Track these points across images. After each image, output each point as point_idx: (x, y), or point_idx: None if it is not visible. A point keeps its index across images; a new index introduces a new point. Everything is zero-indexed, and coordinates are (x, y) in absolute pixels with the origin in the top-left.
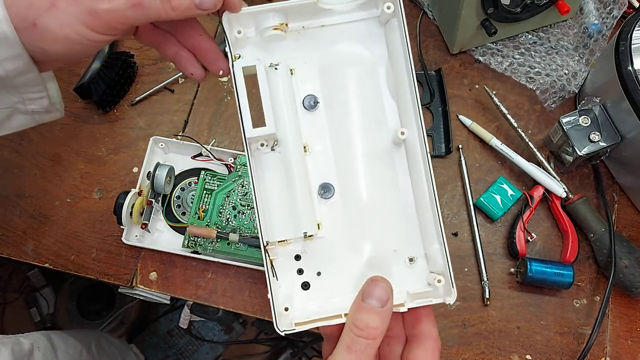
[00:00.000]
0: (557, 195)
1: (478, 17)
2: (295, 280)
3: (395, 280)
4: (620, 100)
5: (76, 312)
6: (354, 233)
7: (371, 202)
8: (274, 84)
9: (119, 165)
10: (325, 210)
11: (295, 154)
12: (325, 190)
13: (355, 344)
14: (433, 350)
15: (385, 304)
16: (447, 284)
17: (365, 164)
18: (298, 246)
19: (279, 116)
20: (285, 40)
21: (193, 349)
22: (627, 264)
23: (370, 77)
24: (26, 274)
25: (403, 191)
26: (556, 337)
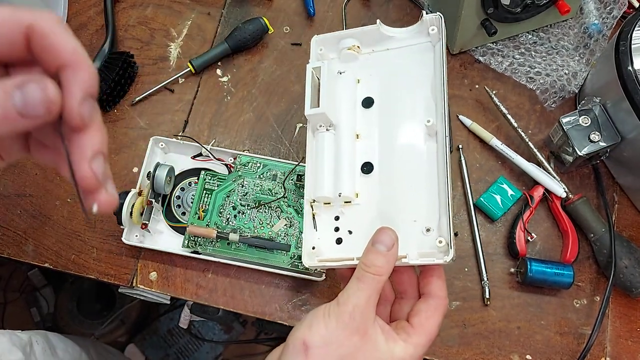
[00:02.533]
0: (557, 195)
1: (478, 17)
2: (331, 235)
3: (410, 244)
4: (620, 100)
5: (76, 312)
6: (384, 204)
7: (402, 180)
8: (338, 84)
9: (119, 165)
10: (365, 183)
11: (346, 137)
12: (366, 167)
13: (363, 277)
14: (436, 307)
15: (390, 249)
16: (445, 245)
17: (403, 151)
18: (338, 209)
19: (338, 107)
20: (358, 59)
21: (193, 349)
22: (627, 264)
23: (418, 84)
24: (26, 274)
25: (428, 174)
26: (556, 337)
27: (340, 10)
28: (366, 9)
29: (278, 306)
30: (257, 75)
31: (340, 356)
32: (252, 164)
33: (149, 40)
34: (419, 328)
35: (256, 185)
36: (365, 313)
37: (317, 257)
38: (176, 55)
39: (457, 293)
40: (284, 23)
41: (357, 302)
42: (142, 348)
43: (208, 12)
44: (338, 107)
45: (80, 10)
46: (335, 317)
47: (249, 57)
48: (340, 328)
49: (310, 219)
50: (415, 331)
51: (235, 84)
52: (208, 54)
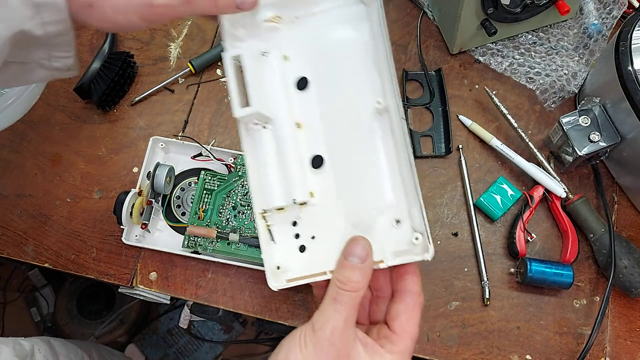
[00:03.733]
0: (557, 195)
1: (478, 17)
2: (293, 244)
3: (381, 240)
4: (620, 101)
5: (76, 311)
6: (345, 199)
7: (360, 170)
8: (265, 69)
9: (119, 165)
10: (318, 180)
11: (286, 130)
12: (316, 161)
13: (339, 296)
14: (413, 305)
15: (365, 261)
16: (424, 241)
17: (353, 136)
18: (294, 213)
19: (270, 97)
20: (281, 30)
21: (193, 348)
22: (626, 264)
23: (356, 55)
24: (26, 274)
25: (388, 158)
26: (556, 337)
27: None
28: None
29: (278, 306)
30: None
31: None
32: None
33: (149, 40)
34: (402, 333)
35: None
36: (345, 335)
37: (284, 277)
38: (176, 55)
39: (456, 293)
40: None
41: (335, 324)
42: (141, 348)
43: None
44: (270, 97)
45: None
46: (312, 345)
47: None
48: (320, 358)
49: (266, 232)
50: (399, 337)
51: None
52: (208, 54)
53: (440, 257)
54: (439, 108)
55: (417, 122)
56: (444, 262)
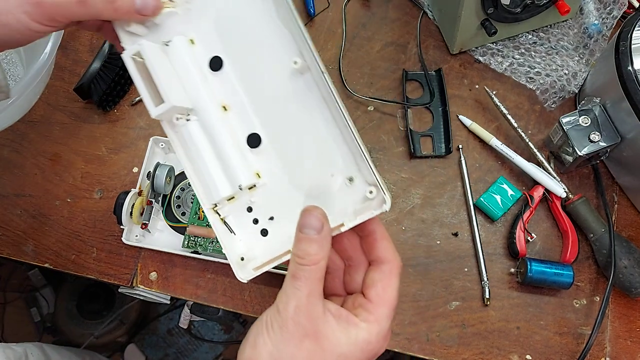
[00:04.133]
0: (557, 195)
1: (478, 17)
2: (253, 230)
3: (340, 204)
4: (620, 101)
5: (76, 312)
6: (293, 171)
7: (299, 137)
8: (172, 59)
9: (119, 165)
10: (260, 158)
11: (213, 116)
12: (253, 140)
13: (299, 272)
14: (390, 272)
15: (320, 231)
16: (379, 193)
17: (283, 104)
18: (246, 199)
19: (186, 87)
20: (178, 15)
21: (193, 348)
22: (626, 264)
23: (262, 20)
24: (26, 274)
25: (323, 117)
26: (556, 337)
27: (340, 10)
28: (366, 8)
29: None
30: None
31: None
32: None
33: None
34: (378, 301)
35: None
36: (310, 311)
37: (251, 266)
38: None
39: (456, 293)
40: None
41: (297, 303)
42: (141, 348)
43: None
44: (186, 87)
45: None
46: (278, 327)
47: None
48: (287, 339)
49: (222, 226)
50: (375, 306)
51: None
52: None
53: (440, 257)
54: (439, 108)
55: (417, 122)
56: (444, 262)
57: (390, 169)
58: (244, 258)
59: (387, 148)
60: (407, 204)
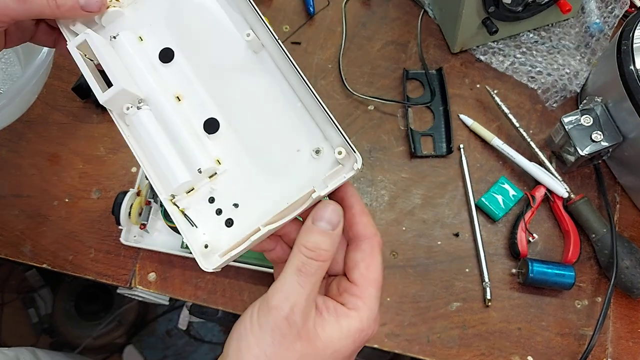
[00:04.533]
0: (559, 195)
1: (479, 16)
2: (217, 221)
3: (308, 177)
4: (622, 100)
5: (74, 312)
6: (256, 153)
7: (259, 117)
8: (120, 52)
9: (118, 165)
10: (219, 144)
11: (166, 106)
12: (209, 126)
13: (305, 266)
14: (371, 250)
15: (336, 227)
16: (348, 152)
17: (240, 85)
18: (207, 189)
19: (136, 77)
20: (125, 13)
21: (192, 349)
22: (628, 264)
23: (211, 6)
24: (24, 275)
25: (282, 92)
26: (557, 338)
27: (340, 9)
28: (366, 7)
29: None
30: None
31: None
32: None
33: None
34: (364, 282)
35: None
36: (306, 312)
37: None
38: None
39: (457, 294)
40: (283, 22)
41: (296, 301)
42: (140, 349)
43: None
44: (136, 79)
45: None
46: (268, 326)
47: None
48: (278, 342)
49: (182, 218)
50: (361, 289)
51: None
52: None
53: (440, 257)
54: (440, 107)
55: (418, 121)
56: (445, 262)
57: (391, 169)
58: (207, 245)
59: (388, 148)
60: (407, 204)
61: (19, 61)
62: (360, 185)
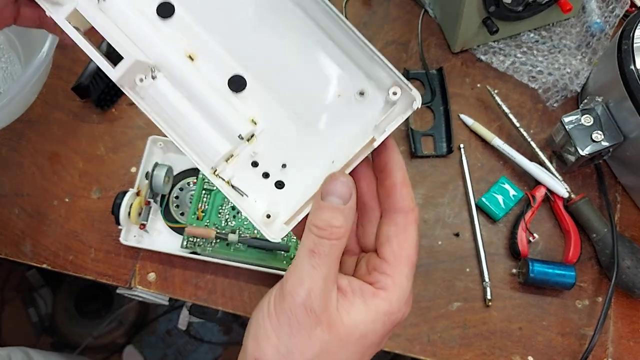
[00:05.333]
0: (560, 195)
1: (480, 16)
2: (266, 186)
3: (356, 123)
4: (622, 100)
5: (74, 312)
6: (291, 107)
7: (288, 65)
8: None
9: (118, 164)
10: (251, 102)
11: (181, 69)
12: (236, 84)
13: (318, 247)
14: (405, 225)
15: (347, 201)
16: (404, 91)
17: (258, 33)
18: (247, 154)
19: (139, 42)
20: None
21: (192, 349)
22: (629, 264)
23: None
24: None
25: (311, 33)
26: (558, 338)
27: (340, 9)
28: (366, 7)
29: None
30: None
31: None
32: None
33: None
34: (395, 260)
35: None
36: (325, 296)
37: (279, 222)
38: None
39: (458, 294)
40: None
41: (312, 285)
42: (140, 349)
43: None
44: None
45: None
46: (285, 317)
47: None
48: (296, 330)
49: (231, 190)
50: (392, 267)
51: None
52: None
53: (441, 257)
54: (440, 107)
55: (418, 121)
56: (446, 262)
57: None
58: (269, 215)
59: None
60: None
61: (19, 60)
62: None
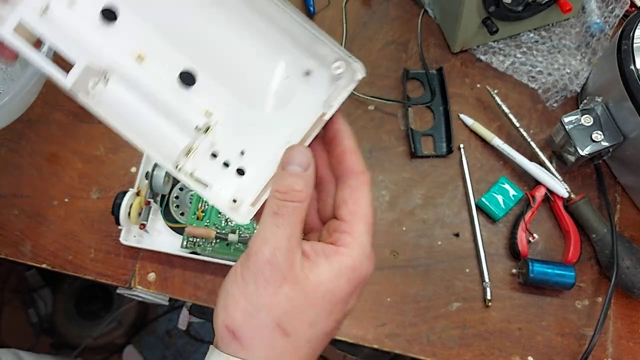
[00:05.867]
0: (559, 195)
1: (479, 16)
2: (229, 174)
3: (307, 101)
4: (622, 100)
5: (74, 312)
6: (243, 95)
7: (233, 56)
8: (57, 24)
9: (117, 164)
10: (204, 95)
11: (132, 70)
12: (187, 79)
13: (281, 209)
14: (358, 186)
15: (307, 168)
16: (347, 64)
17: (200, 26)
18: (206, 145)
19: (86, 47)
20: None
21: (192, 350)
22: (629, 264)
23: None
24: (23, 274)
25: (254, 22)
26: (558, 338)
27: (340, 9)
28: (366, 7)
29: None
30: None
31: (278, 319)
32: None
33: None
34: (352, 218)
35: None
36: (290, 255)
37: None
38: None
39: (457, 294)
40: None
41: (276, 244)
42: (140, 349)
43: None
44: (86, 49)
45: None
46: (251, 275)
47: None
48: (262, 287)
49: (195, 183)
50: (349, 224)
51: None
52: None
53: (441, 257)
54: (440, 107)
55: (418, 121)
56: (445, 262)
57: (391, 169)
58: (236, 200)
59: (388, 148)
60: (408, 204)
61: (19, 60)
62: None
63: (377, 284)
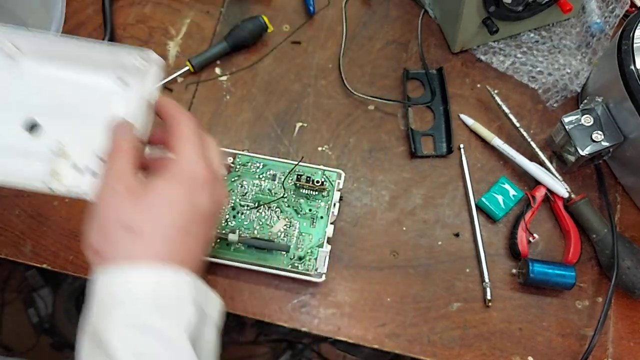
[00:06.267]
0: (560, 195)
1: (479, 16)
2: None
3: (134, 99)
4: (622, 100)
5: (75, 312)
6: (82, 119)
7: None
8: None
9: None
10: (51, 132)
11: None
12: (31, 126)
13: (114, 149)
14: (178, 121)
15: (116, 129)
16: (148, 59)
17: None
18: (68, 166)
19: None
20: None
21: None
22: (629, 265)
23: None
24: (24, 274)
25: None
26: (558, 338)
27: (340, 9)
28: (366, 7)
29: (278, 307)
30: (257, 74)
31: (127, 225)
32: (251, 164)
33: (147, 39)
34: (177, 141)
35: (255, 185)
36: (128, 175)
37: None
38: (175, 54)
39: (458, 294)
40: (283, 21)
41: (117, 166)
42: None
43: (207, 11)
44: None
45: (78, 8)
46: (95, 209)
47: (248, 56)
48: (104, 210)
49: (74, 194)
50: (174, 146)
51: (235, 83)
52: (207, 53)
53: (441, 257)
54: (440, 107)
55: (418, 121)
56: (445, 262)
57: (391, 169)
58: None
59: (388, 148)
60: (408, 205)
61: None
62: (361, 185)
63: (377, 284)
